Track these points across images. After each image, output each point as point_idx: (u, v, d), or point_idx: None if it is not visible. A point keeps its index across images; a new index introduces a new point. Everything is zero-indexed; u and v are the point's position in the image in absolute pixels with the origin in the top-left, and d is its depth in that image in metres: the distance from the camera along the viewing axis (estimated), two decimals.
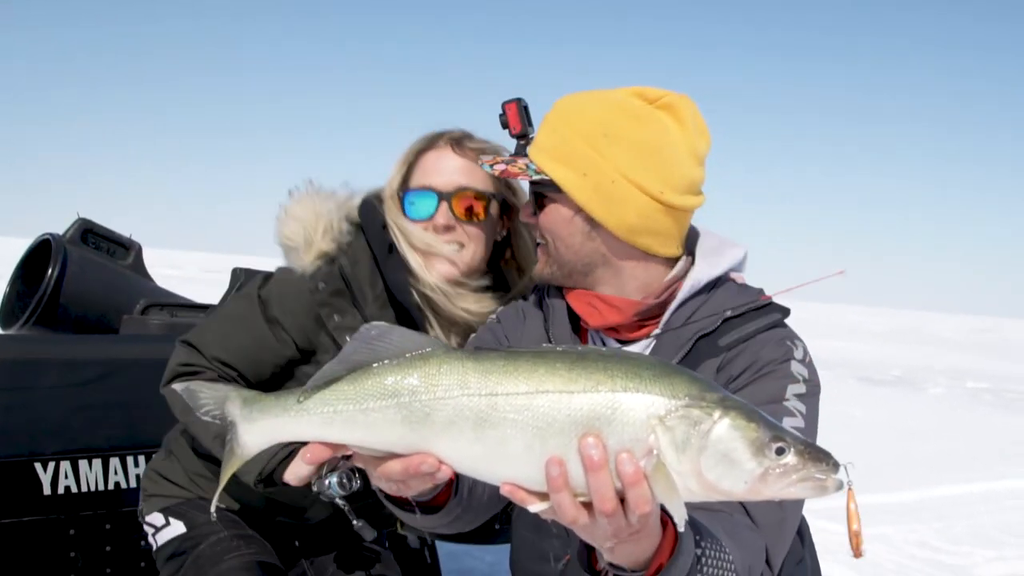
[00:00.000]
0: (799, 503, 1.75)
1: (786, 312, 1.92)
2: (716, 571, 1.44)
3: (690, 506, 1.45)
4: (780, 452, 1.22)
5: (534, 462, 1.25)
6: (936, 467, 8.90)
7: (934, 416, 12.90)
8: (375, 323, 1.35)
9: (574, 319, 2.00)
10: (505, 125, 2.35)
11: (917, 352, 29.05)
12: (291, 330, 2.41)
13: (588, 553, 1.46)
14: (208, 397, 1.42)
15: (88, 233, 4.32)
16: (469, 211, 2.35)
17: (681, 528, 1.24)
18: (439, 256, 2.35)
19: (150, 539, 2.68)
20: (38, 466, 2.97)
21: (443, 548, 4.04)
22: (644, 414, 1.23)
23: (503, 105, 2.35)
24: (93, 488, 3.08)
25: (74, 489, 3.04)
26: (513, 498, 1.27)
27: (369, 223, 2.41)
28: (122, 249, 4.43)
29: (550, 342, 1.98)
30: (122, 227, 4.52)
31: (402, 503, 1.59)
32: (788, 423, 1.71)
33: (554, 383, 1.25)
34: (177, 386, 1.47)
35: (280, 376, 2.47)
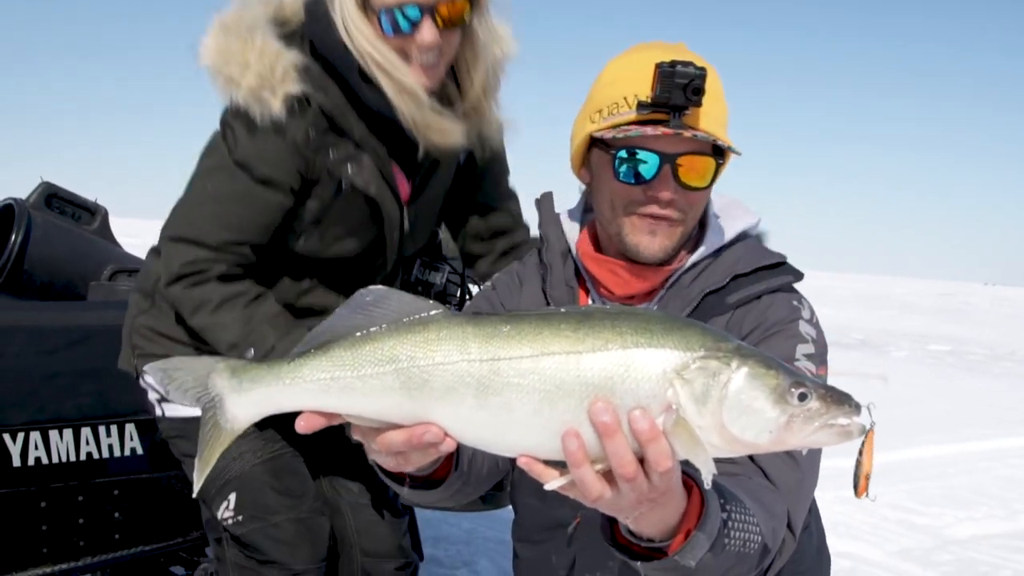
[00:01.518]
0: (815, 463, 1.72)
1: (798, 275, 1.87)
2: (743, 534, 1.40)
3: None
4: (803, 398, 1.17)
5: (544, 428, 1.19)
6: (905, 430, 8.97)
7: (898, 379, 13.00)
8: (371, 288, 1.28)
9: (569, 281, 1.94)
10: (697, 92, 1.74)
11: (879, 316, 29.31)
12: (286, 181, 2.28)
13: (611, 525, 1.40)
14: (187, 374, 1.31)
15: (52, 198, 4.21)
16: (452, 19, 2.22)
17: (708, 483, 1.19)
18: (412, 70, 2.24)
19: (152, 402, 2.59)
20: (7, 437, 2.87)
21: (420, 515, 4.01)
22: (660, 369, 1.17)
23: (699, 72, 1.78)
24: (64, 459, 2.98)
25: (45, 460, 2.94)
26: (531, 471, 1.21)
27: (327, 47, 2.26)
28: (87, 214, 4.32)
29: (549, 305, 1.91)
30: (88, 194, 4.42)
31: (399, 478, 1.53)
32: None
33: (560, 344, 1.19)
34: (150, 367, 1.35)
35: (282, 228, 2.35)
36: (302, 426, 1.27)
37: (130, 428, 3.11)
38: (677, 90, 1.64)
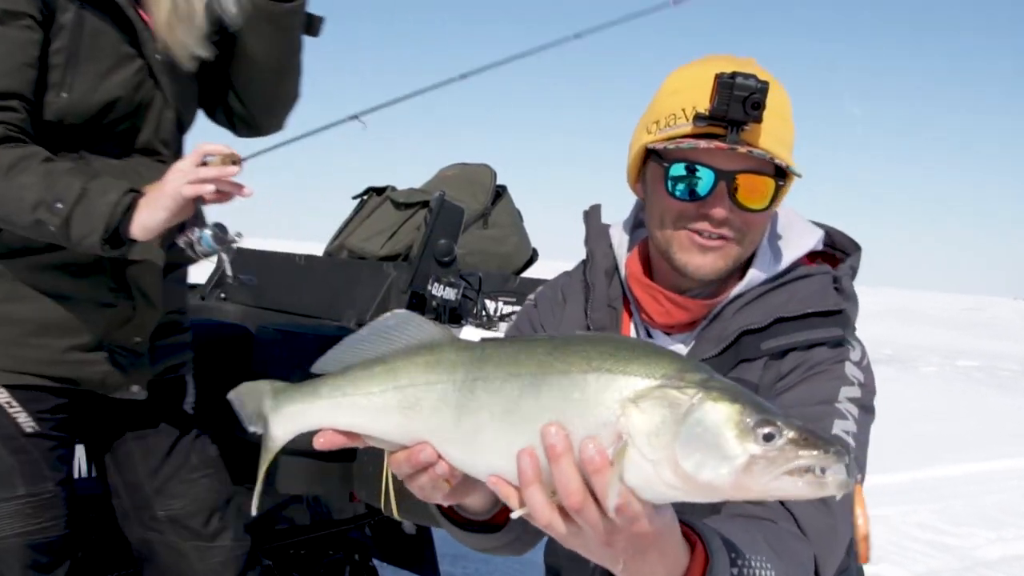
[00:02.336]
0: (849, 506, 1.57)
1: (849, 327, 1.68)
2: None
3: (729, 514, 1.30)
4: (768, 438, 1.03)
5: (508, 450, 1.13)
6: (933, 447, 8.85)
7: (928, 395, 12.86)
8: (395, 312, 1.29)
9: (614, 302, 1.83)
10: (757, 106, 1.62)
11: (907, 331, 29.03)
12: (26, 9, 2.11)
13: None
14: (249, 398, 1.36)
15: None
16: None
17: (636, 510, 1.08)
18: None
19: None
20: None
21: (440, 532, 3.97)
22: (615, 395, 1.08)
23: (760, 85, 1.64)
24: None
25: None
26: (499, 493, 1.15)
27: None
28: None
29: (589, 328, 1.81)
30: None
31: (460, 522, 1.51)
32: (839, 426, 1.55)
33: (529, 367, 1.14)
34: (232, 396, 1.37)
35: (41, 82, 2.17)
36: (320, 443, 1.28)
37: None
38: (736, 103, 1.55)
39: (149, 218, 2.02)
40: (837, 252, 1.85)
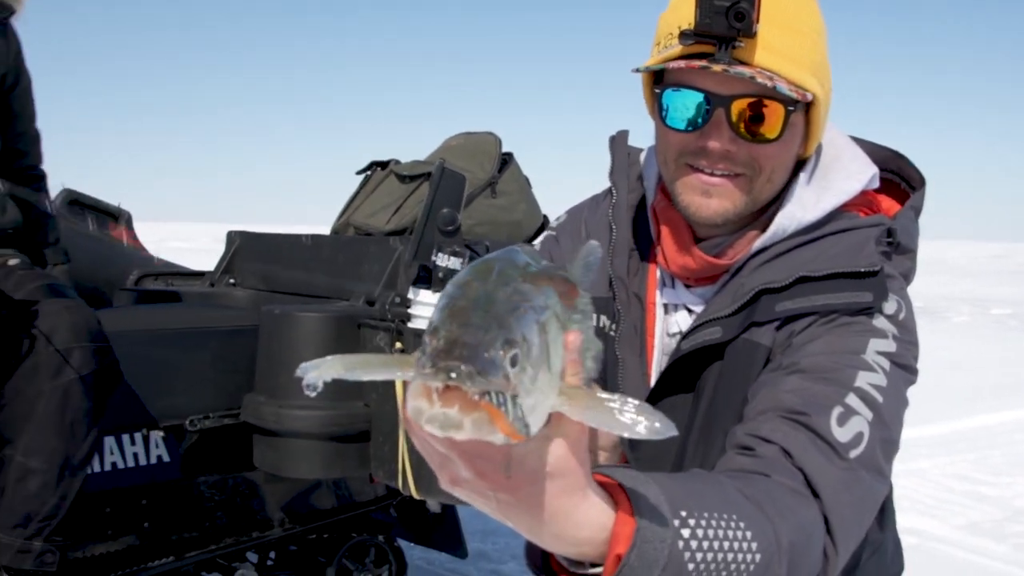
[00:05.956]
0: (875, 455, 1.30)
1: (882, 294, 1.40)
2: (721, 554, 1.03)
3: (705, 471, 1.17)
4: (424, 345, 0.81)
5: None
6: (969, 397, 8.72)
7: (961, 345, 12.69)
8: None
9: (641, 243, 1.62)
10: (741, 17, 1.37)
11: (937, 280, 28.69)
12: None
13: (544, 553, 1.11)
14: None
15: (75, 204, 4.16)
16: None
17: None
18: None
19: None
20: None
21: (466, 510, 3.91)
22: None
23: None
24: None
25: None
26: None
27: None
28: (111, 219, 4.26)
29: (608, 277, 1.61)
30: (111, 198, 4.38)
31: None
32: (865, 379, 1.32)
33: None
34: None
35: None
36: None
37: (156, 435, 3.01)
38: (718, 15, 1.32)
39: None
40: (903, 184, 1.62)
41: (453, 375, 0.75)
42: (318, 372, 0.88)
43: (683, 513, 1.02)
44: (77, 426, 2.55)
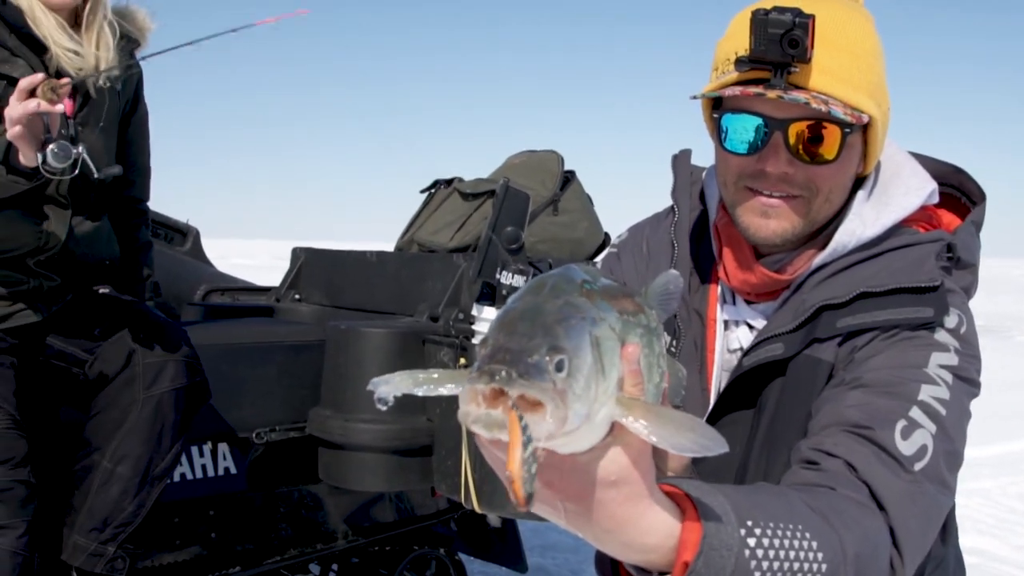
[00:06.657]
0: (939, 469, 1.32)
1: (943, 309, 1.42)
2: (788, 563, 1.06)
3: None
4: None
5: None
6: None
7: (1022, 364, 12.45)
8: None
9: (702, 260, 1.65)
10: (795, 44, 1.39)
11: (1000, 300, 28.15)
12: None
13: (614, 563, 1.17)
14: None
15: None
16: None
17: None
18: None
19: None
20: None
21: (526, 524, 3.94)
22: None
23: (798, 20, 1.40)
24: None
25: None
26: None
27: None
28: (179, 235, 4.37)
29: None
30: (179, 215, 4.46)
31: None
32: (928, 392, 1.34)
33: None
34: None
35: None
36: None
37: (223, 448, 3.09)
38: (772, 43, 1.36)
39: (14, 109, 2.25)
40: (964, 199, 1.62)
41: (496, 378, 0.80)
42: (389, 387, 0.93)
43: (749, 522, 1.04)
44: (164, 437, 2.64)
